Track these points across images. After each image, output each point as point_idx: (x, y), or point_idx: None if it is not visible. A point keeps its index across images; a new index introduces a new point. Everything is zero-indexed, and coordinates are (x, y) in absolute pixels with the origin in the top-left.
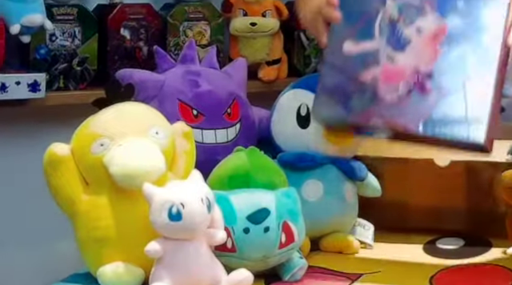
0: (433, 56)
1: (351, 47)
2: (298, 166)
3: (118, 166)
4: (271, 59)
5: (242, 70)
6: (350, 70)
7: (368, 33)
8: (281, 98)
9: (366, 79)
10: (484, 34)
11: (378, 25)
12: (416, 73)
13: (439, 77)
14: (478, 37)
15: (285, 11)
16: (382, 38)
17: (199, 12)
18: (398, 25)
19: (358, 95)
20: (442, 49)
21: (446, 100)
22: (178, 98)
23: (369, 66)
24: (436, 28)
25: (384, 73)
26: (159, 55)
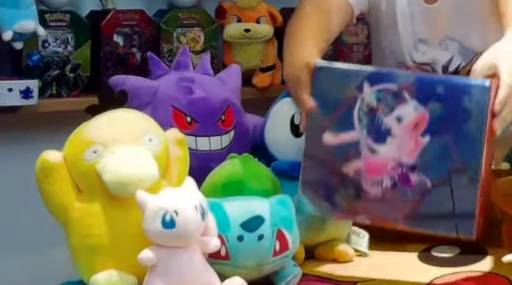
0: (415, 147)
1: (331, 139)
2: (292, 175)
3: (111, 174)
4: (265, 66)
5: (236, 77)
6: (331, 163)
7: (347, 123)
8: (274, 106)
9: (349, 172)
10: (467, 121)
11: (356, 114)
12: (399, 165)
13: (423, 169)
14: (461, 125)
15: (279, 17)
16: (362, 128)
17: (193, 18)
18: (378, 113)
19: (342, 190)
20: (423, 139)
21: (432, 194)
22: (172, 105)
23: (350, 159)
24: (416, 116)
25: (366, 166)
26: (153, 61)
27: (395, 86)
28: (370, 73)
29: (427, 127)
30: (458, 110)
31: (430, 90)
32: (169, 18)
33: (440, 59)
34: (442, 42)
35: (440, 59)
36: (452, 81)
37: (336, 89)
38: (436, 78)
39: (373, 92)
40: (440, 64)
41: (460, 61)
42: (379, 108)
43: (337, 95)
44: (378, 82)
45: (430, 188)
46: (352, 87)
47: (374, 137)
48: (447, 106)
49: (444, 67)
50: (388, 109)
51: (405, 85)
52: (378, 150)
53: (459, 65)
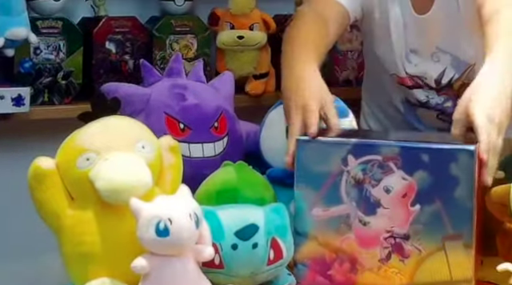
0: (406, 217)
1: (320, 213)
2: (287, 183)
3: (104, 181)
4: (259, 73)
5: (229, 84)
6: (323, 238)
7: (335, 197)
8: (270, 113)
9: (342, 246)
10: (455, 188)
11: (343, 187)
12: (392, 236)
13: (417, 238)
14: (450, 192)
15: (272, 24)
16: (351, 201)
17: (186, 25)
18: (365, 185)
19: (337, 264)
20: (414, 208)
21: (428, 262)
22: (165, 112)
23: (342, 232)
24: (404, 186)
25: (359, 238)
26: (145, 69)
27: (380, 157)
28: (354, 145)
29: (416, 196)
30: (445, 178)
31: (415, 159)
32: (161, 25)
33: (432, 73)
34: (434, 55)
35: (432, 73)
36: (437, 148)
37: (320, 163)
38: (421, 146)
39: (358, 164)
40: (432, 78)
41: (453, 73)
42: (366, 180)
43: (322, 170)
44: (363, 154)
45: (424, 257)
46: (337, 161)
47: (364, 209)
48: (434, 174)
49: (437, 81)
50: (375, 180)
51: (390, 155)
52: (369, 222)
53: (452, 77)
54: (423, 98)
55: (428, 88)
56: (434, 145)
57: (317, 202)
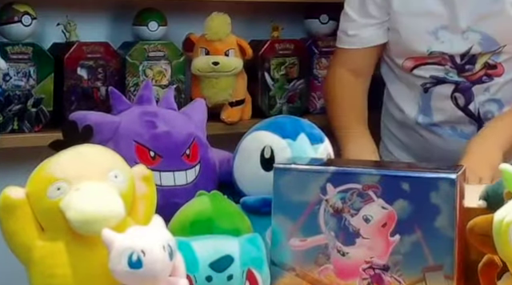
0: (386, 247)
1: (298, 243)
2: (262, 212)
3: (76, 211)
4: (234, 100)
5: (201, 111)
6: (301, 269)
7: (313, 226)
8: (244, 140)
9: (320, 277)
10: (436, 217)
11: (322, 217)
12: (371, 267)
13: (396, 269)
14: (431, 222)
15: (249, 50)
16: (329, 231)
17: (159, 51)
18: (344, 215)
19: None
20: (393, 238)
21: None
22: (135, 140)
23: (320, 263)
24: (384, 216)
25: (337, 269)
26: (114, 96)
27: (359, 185)
28: (333, 173)
29: (396, 226)
30: (425, 207)
31: (395, 188)
32: (134, 51)
33: (458, 48)
34: (464, 33)
35: (458, 48)
36: (417, 176)
37: (298, 192)
38: (401, 175)
39: (337, 193)
40: (458, 53)
41: (479, 50)
42: (345, 209)
43: (300, 199)
44: (342, 182)
45: None
46: (315, 189)
47: (343, 239)
48: (414, 203)
49: (462, 55)
50: (354, 209)
51: (369, 184)
52: (348, 253)
53: (478, 53)
54: (442, 75)
55: (450, 65)
56: (414, 173)
57: (294, 232)
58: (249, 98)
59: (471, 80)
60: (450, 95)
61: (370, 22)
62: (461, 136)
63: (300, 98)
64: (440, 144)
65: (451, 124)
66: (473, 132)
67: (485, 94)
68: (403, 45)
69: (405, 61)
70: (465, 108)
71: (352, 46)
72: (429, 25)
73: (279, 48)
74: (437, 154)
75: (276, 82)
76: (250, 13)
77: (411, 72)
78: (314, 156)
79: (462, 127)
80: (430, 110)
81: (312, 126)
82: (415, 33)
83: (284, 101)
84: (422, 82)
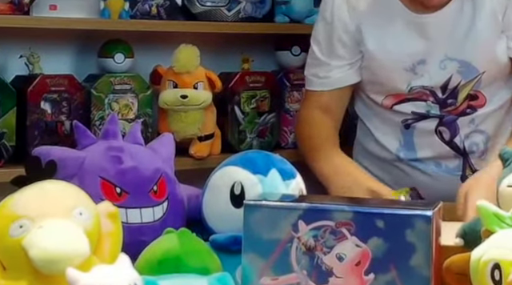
0: None
1: (269, 282)
2: (232, 250)
3: (39, 250)
4: (203, 134)
5: (168, 146)
6: None
7: (285, 265)
8: (213, 176)
9: None
10: (411, 255)
11: (294, 255)
12: None
13: None
14: (406, 260)
15: (218, 83)
16: (301, 269)
17: (126, 83)
18: (316, 253)
19: None
20: (368, 277)
21: None
22: (100, 176)
23: None
24: (358, 254)
25: None
26: (79, 130)
27: (333, 222)
28: (305, 210)
29: (370, 264)
30: (401, 245)
31: (369, 226)
32: (100, 84)
33: (438, 80)
34: (442, 63)
35: (438, 80)
36: (392, 213)
37: (269, 229)
38: (375, 212)
39: (309, 230)
40: (438, 85)
41: (460, 79)
42: (318, 247)
43: (271, 236)
44: (314, 219)
45: None
46: (287, 227)
47: (315, 278)
48: (389, 240)
49: (443, 87)
50: (327, 247)
51: (343, 221)
52: None
53: (459, 83)
54: (424, 111)
55: (432, 100)
56: (388, 210)
57: (265, 271)
58: (218, 132)
59: (455, 114)
60: (434, 130)
61: (339, 63)
62: (445, 172)
63: (271, 132)
64: (423, 180)
65: (436, 159)
66: (457, 167)
67: (470, 126)
68: (381, 84)
69: (384, 99)
70: (450, 142)
71: (324, 88)
72: (406, 61)
73: (249, 81)
74: (421, 192)
75: (246, 115)
76: (220, 44)
77: (391, 109)
78: (285, 192)
79: (446, 163)
80: (412, 145)
81: (283, 162)
82: (393, 71)
83: (254, 135)
84: (402, 119)
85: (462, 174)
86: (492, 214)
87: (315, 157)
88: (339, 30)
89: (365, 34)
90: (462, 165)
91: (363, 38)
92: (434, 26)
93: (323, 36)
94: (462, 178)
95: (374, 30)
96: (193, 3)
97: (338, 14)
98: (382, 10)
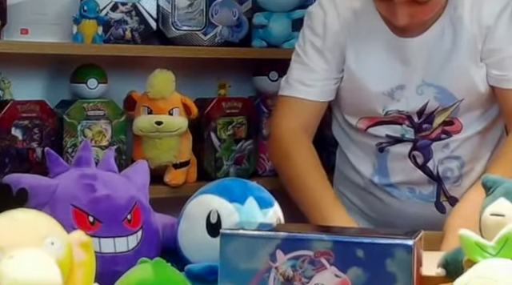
0: None
1: None
2: (208, 280)
3: (9, 281)
4: (179, 162)
5: (143, 173)
6: None
7: None
8: (189, 204)
9: None
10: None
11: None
12: None
13: None
14: None
15: (194, 109)
16: None
17: (99, 110)
18: (295, 283)
19: None
20: None
21: None
22: (73, 204)
23: None
24: (337, 284)
25: None
26: (51, 158)
27: (311, 252)
28: (283, 239)
29: None
30: (381, 275)
31: (349, 255)
32: (72, 110)
33: (414, 105)
34: (419, 88)
35: (414, 105)
36: (372, 243)
37: (246, 259)
38: (355, 241)
39: (287, 260)
40: (415, 110)
41: (437, 105)
42: (296, 277)
43: (248, 266)
44: (293, 249)
45: None
46: (264, 256)
47: None
48: (369, 270)
49: (419, 112)
50: (306, 278)
51: (322, 250)
52: None
53: (436, 109)
54: (398, 135)
55: (407, 124)
56: (368, 239)
57: None
58: (194, 159)
59: (429, 138)
60: (407, 154)
61: (326, 75)
62: (419, 198)
63: (248, 159)
64: (398, 207)
65: (409, 185)
66: (432, 194)
67: (444, 151)
68: (357, 105)
69: (359, 121)
70: (424, 167)
71: (309, 96)
72: (385, 85)
73: (226, 106)
74: (395, 218)
75: (223, 142)
76: (196, 69)
77: (365, 131)
78: (263, 221)
79: (420, 189)
80: (386, 170)
81: (261, 190)
82: (371, 94)
83: (231, 162)
84: (376, 142)
85: (436, 200)
86: (474, 243)
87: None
88: (330, 40)
89: (348, 51)
90: (436, 191)
91: (346, 55)
92: (413, 51)
93: (313, 45)
94: (436, 205)
95: (356, 49)
96: (168, 27)
97: (330, 25)
98: (366, 30)
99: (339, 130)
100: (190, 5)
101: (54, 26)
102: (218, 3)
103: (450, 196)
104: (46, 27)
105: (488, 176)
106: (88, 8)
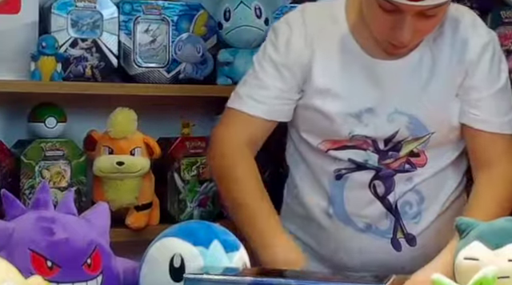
0: None
1: None
2: None
3: None
4: (141, 203)
5: (103, 216)
6: None
7: None
8: (151, 248)
9: None
10: None
11: None
12: None
13: None
14: None
15: (157, 149)
16: None
17: (58, 150)
18: None
19: None
20: None
21: None
22: (30, 248)
23: None
24: None
25: None
26: (7, 200)
27: None
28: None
29: None
30: None
31: None
32: (30, 150)
33: (383, 132)
34: (390, 115)
35: (383, 132)
36: None
37: None
38: None
39: None
40: (382, 138)
41: (407, 135)
42: None
43: None
44: None
45: None
46: None
47: None
48: None
49: (386, 141)
50: None
51: None
52: None
53: (404, 139)
54: (361, 160)
55: (372, 150)
56: (339, 284)
57: None
58: (156, 201)
59: (392, 168)
60: (368, 183)
61: (282, 94)
62: (375, 233)
63: (213, 201)
64: (351, 242)
65: (365, 218)
66: (388, 229)
67: (406, 184)
68: (321, 126)
69: (321, 143)
70: (384, 198)
71: (257, 113)
72: (353, 106)
73: (190, 146)
74: (347, 255)
75: (187, 183)
76: (158, 108)
77: (326, 153)
78: (228, 265)
79: (377, 223)
80: (341, 200)
81: (226, 233)
82: (337, 115)
83: (195, 204)
84: (335, 168)
85: (392, 236)
86: None
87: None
88: (291, 58)
89: (315, 70)
90: (394, 227)
91: (312, 74)
92: (389, 75)
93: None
94: (392, 242)
95: (325, 67)
96: (129, 64)
97: (294, 43)
98: (337, 49)
99: (295, 155)
100: (153, 41)
101: (11, 63)
102: (181, 39)
103: (408, 233)
104: (3, 64)
105: (461, 219)
106: (46, 44)
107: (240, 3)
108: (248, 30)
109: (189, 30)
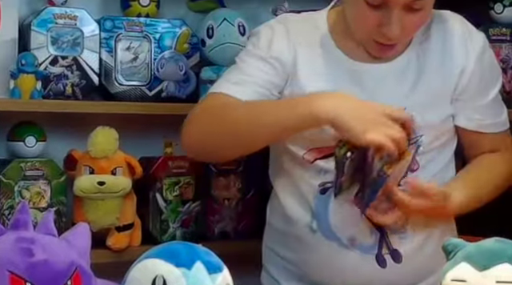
0: None
1: None
2: None
3: None
4: (122, 224)
5: (84, 237)
6: None
7: None
8: (133, 269)
9: None
10: None
11: None
12: None
13: None
14: None
15: (138, 169)
16: None
17: (38, 169)
18: None
19: None
20: None
21: None
22: (8, 270)
23: None
24: None
25: None
26: None
27: None
28: None
29: None
30: None
31: None
32: (9, 170)
33: None
34: None
35: None
36: None
37: None
38: None
39: None
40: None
41: None
42: None
43: None
44: None
45: None
46: None
47: None
48: None
49: None
50: None
51: None
52: None
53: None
54: None
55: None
56: None
57: None
58: (138, 222)
59: None
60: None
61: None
62: (360, 249)
63: (196, 221)
64: (335, 259)
65: (350, 233)
66: (373, 245)
67: None
68: (308, 133)
69: (307, 152)
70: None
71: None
72: None
73: (172, 166)
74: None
75: (169, 203)
76: (140, 127)
77: (312, 163)
78: None
79: (361, 239)
80: (326, 215)
81: (209, 254)
82: None
83: (178, 225)
84: (320, 182)
85: (377, 252)
86: None
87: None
88: (274, 53)
89: (300, 73)
90: (379, 242)
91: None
92: (375, 79)
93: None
94: (377, 258)
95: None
96: (111, 82)
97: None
98: (322, 55)
99: (278, 170)
100: (134, 59)
101: None
102: (163, 57)
103: (393, 249)
104: None
105: (449, 240)
106: (26, 62)
107: (223, 20)
108: (231, 47)
109: (171, 47)
